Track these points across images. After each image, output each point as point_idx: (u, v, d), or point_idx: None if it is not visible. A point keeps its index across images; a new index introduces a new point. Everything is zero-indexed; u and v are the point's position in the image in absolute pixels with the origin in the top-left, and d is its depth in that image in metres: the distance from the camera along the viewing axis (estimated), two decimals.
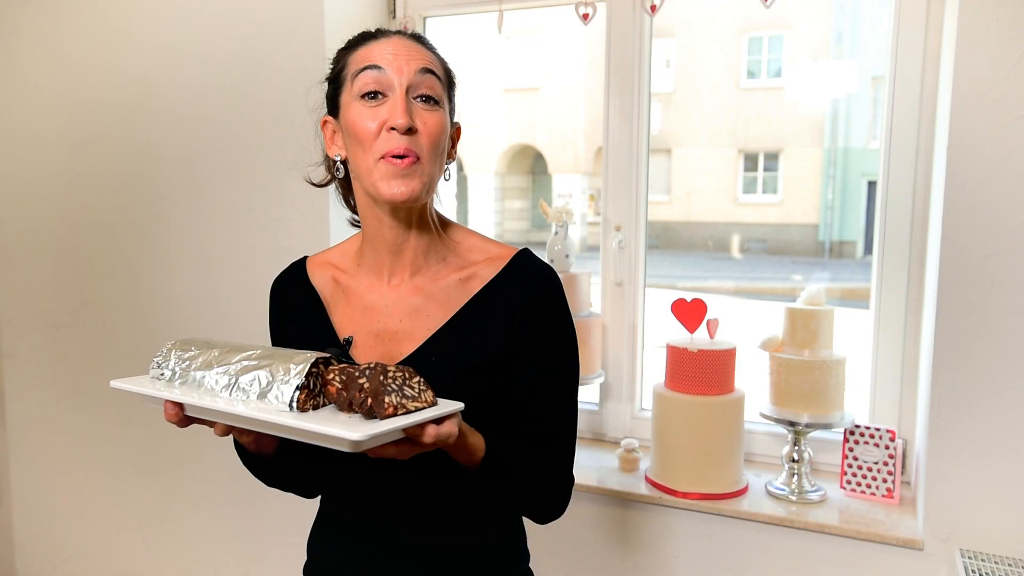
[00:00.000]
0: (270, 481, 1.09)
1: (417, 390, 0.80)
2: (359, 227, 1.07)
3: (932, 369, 1.46)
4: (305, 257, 1.13)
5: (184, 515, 2.26)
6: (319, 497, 1.13)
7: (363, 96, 0.94)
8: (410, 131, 0.92)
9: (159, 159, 2.13)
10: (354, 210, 1.07)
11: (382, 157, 0.93)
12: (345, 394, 0.79)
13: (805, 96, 13.10)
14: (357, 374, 0.79)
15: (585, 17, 1.87)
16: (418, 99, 0.94)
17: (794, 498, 1.65)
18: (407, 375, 0.81)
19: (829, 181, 13.11)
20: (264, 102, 1.97)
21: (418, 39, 0.98)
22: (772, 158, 13.40)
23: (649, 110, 1.92)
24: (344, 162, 1.01)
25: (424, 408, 0.79)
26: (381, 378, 0.78)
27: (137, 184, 2.17)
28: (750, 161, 13.54)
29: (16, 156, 2.33)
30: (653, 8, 1.81)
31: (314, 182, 1.12)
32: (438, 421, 0.79)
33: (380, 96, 0.93)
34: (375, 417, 0.77)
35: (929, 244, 1.63)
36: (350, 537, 1.04)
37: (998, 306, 1.40)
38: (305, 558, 1.14)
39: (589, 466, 1.85)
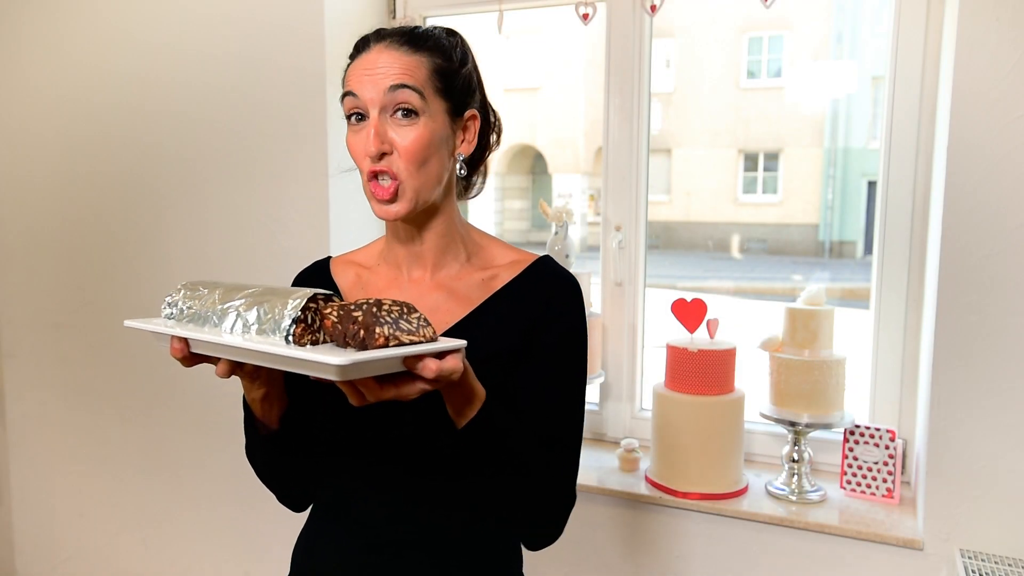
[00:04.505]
0: (267, 466, 1.07)
1: (415, 325, 0.78)
2: None
3: (932, 369, 1.46)
4: (329, 257, 1.14)
5: (184, 515, 2.26)
6: (306, 510, 1.12)
7: (349, 118, 0.96)
8: (383, 155, 0.93)
9: (159, 159, 2.13)
10: None
11: (368, 179, 0.95)
12: (340, 327, 0.78)
13: (805, 96, 13.12)
14: (353, 308, 0.78)
15: (585, 17, 1.87)
16: (398, 113, 0.94)
17: (794, 498, 1.65)
18: (405, 309, 0.79)
19: (829, 181, 13.13)
20: (264, 102, 1.97)
21: (405, 40, 0.96)
22: (772, 158, 13.42)
23: (649, 110, 1.92)
24: None
25: (421, 343, 0.77)
26: (375, 310, 0.76)
27: (137, 184, 2.17)
28: (750, 161, 13.56)
29: (16, 156, 2.33)
30: (653, 8, 1.81)
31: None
32: (440, 357, 0.77)
33: (363, 118, 0.95)
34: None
35: (929, 244, 1.63)
36: (342, 540, 1.03)
37: (998, 306, 1.40)
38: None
39: (589, 466, 1.85)
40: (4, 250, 2.39)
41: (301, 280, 1.13)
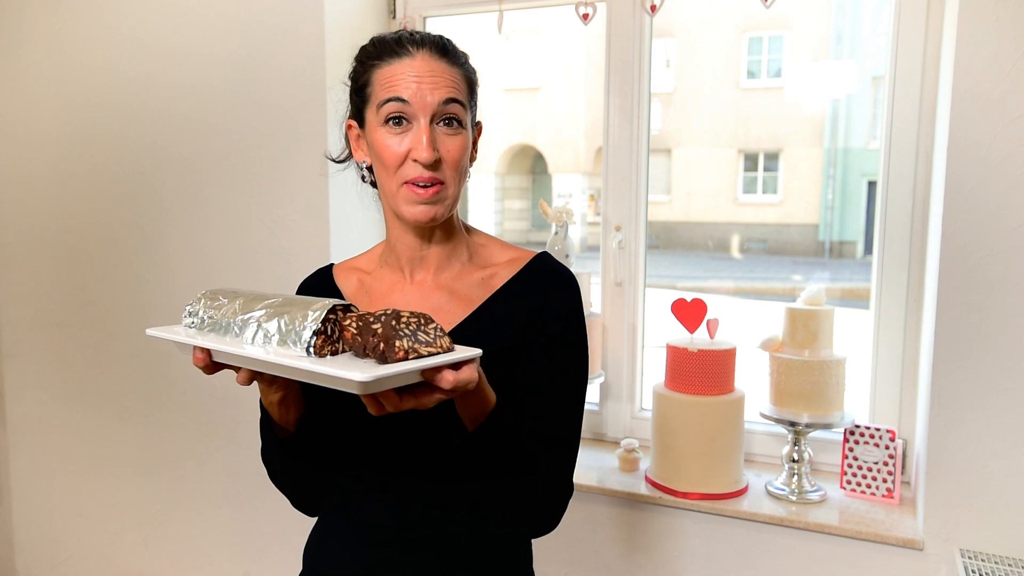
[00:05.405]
0: (283, 469, 1.06)
1: (433, 336, 0.80)
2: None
3: (932, 369, 1.46)
4: (331, 264, 1.15)
5: (184, 515, 2.26)
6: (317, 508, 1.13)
7: (387, 122, 0.96)
8: (434, 163, 0.95)
9: (159, 159, 2.13)
10: (373, 185, 1.09)
11: (405, 183, 0.96)
12: (360, 339, 0.80)
13: (805, 96, 13.10)
14: (372, 319, 0.80)
15: (585, 17, 1.87)
16: (441, 123, 0.96)
17: (794, 498, 1.65)
18: (422, 321, 0.81)
19: (829, 181, 13.11)
20: (264, 102, 1.97)
21: (443, 52, 0.98)
22: (772, 158, 13.40)
23: (649, 110, 1.92)
24: (371, 167, 1.04)
25: (439, 354, 0.79)
26: (394, 323, 0.78)
27: (137, 184, 2.17)
28: (750, 161, 13.54)
29: (16, 156, 2.33)
30: (653, 8, 1.81)
31: (333, 157, 1.13)
32: (456, 367, 0.79)
33: (404, 122, 0.96)
34: (388, 362, 0.77)
35: (929, 244, 1.63)
36: (351, 539, 1.04)
37: (998, 306, 1.40)
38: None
39: (589, 466, 1.85)
40: (4, 250, 2.39)
41: (305, 288, 1.14)
